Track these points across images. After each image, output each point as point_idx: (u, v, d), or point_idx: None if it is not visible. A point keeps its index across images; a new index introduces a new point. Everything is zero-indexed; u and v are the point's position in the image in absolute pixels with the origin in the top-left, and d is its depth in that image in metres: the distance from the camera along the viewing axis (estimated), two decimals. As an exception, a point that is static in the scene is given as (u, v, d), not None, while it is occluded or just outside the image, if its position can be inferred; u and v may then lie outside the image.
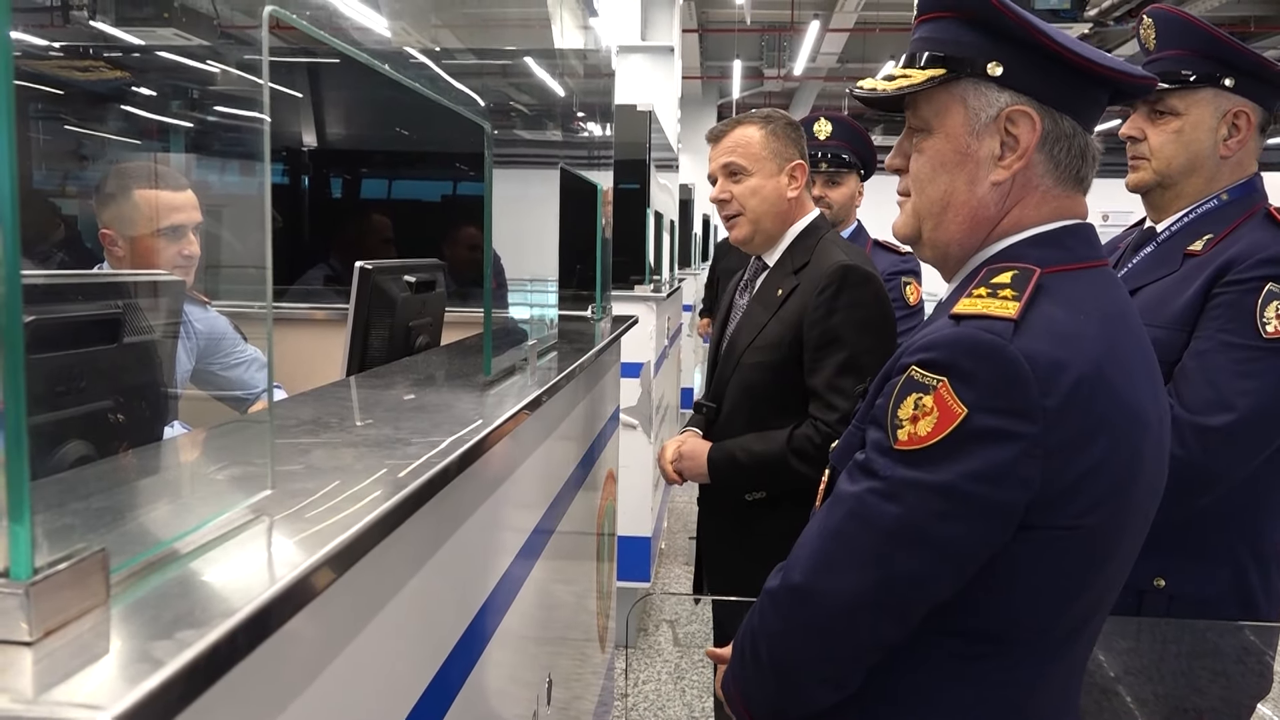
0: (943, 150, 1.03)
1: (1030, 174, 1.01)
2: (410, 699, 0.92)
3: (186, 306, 2.20)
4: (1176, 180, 1.62)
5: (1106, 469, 0.92)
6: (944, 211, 1.04)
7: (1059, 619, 0.98)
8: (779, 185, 1.89)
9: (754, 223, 1.91)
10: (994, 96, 1.00)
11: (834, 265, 1.78)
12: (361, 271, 1.77)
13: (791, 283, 1.84)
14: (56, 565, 0.48)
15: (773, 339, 1.82)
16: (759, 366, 1.83)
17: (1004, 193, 1.02)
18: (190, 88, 3.48)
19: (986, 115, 1.00)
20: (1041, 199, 1.01)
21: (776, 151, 1.89)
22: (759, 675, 1.05)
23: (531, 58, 2.43)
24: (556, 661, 1.80)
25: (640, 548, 3.70)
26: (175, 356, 1.97)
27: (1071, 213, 1.03)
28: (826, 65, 13.50)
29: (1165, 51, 1.62)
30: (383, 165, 4.39)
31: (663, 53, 5.92)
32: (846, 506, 0.96)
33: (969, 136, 1.01)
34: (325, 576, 0.62)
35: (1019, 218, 1.02)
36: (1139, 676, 1.61)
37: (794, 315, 1.79)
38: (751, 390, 1.84)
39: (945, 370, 0.90)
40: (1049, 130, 0.99)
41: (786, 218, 1.91)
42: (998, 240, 1.03)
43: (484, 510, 1.19)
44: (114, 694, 0.41)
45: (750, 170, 1.89)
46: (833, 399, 1.71)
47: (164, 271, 1.87)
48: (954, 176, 1.03)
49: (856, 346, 1.72)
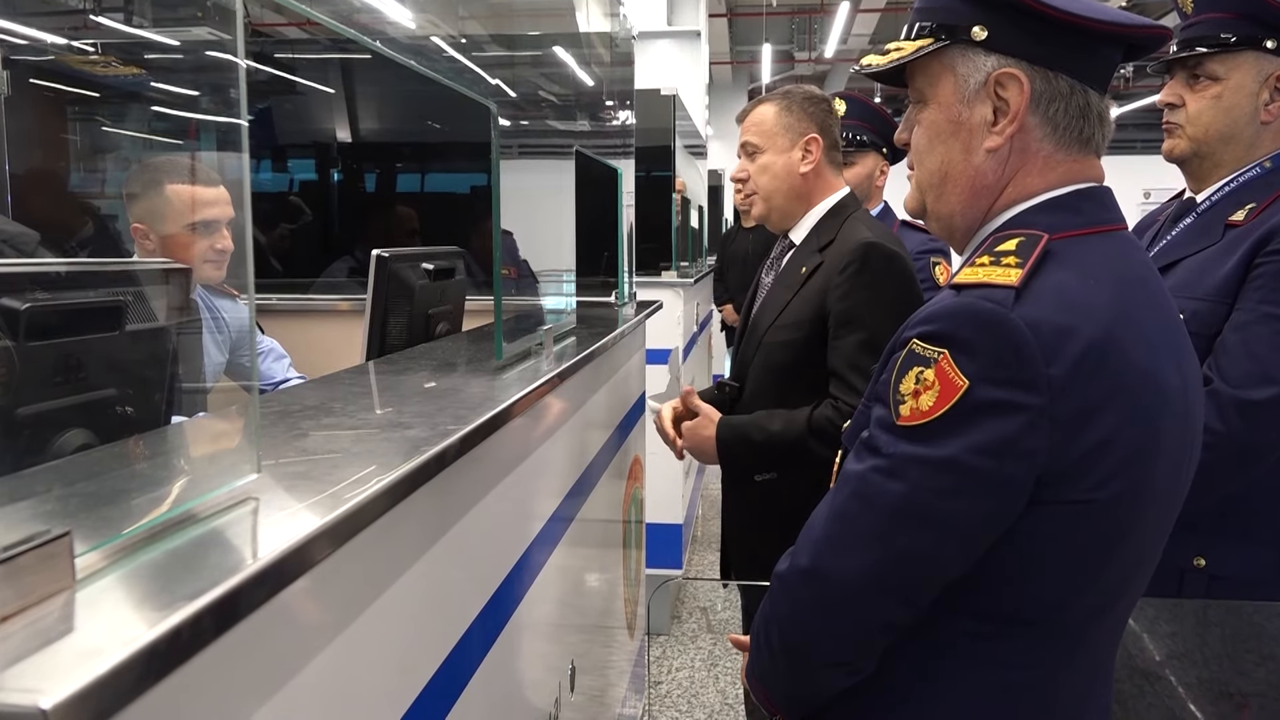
0: (937, 120, 1.01)
1: (1028, 138, 0.97)
2: (416, 685, 0.91)
3: (218, 300, 2.21)
4: (1214, 148, 1.57)
5: (1121, 440, 0.88)
6: (943, 183, 1.02)
7: (1078, 598, 0.94)
8: (790, 161, 1.85)
9: (766, 200, 1.89)
10: (981, 61, 0.97)
11: (857, 243, 1.74)
12: (379, 260, 1.77)
13: (815, 260, 1.80)
14: (16, 549, 0.47)
15: (795, 318, 1.78)
16: (782, 346, 1.80)
17: (1002, 159, 0.98)
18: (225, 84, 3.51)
19: (975, 81, 0.97)
20: (1045, 164, 0.98)
21: (788, 126, 1.85)
22: (773, 661, 1.03)
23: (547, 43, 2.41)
24: (581, 648, 1.79)
25: (671, 535, 3.69)
26: (200, 347, 1.98)
27: (1083, 176, 0.99)
28: (858, 47, 13.32)
29: (1203, 15, 1.57)
30: (411, 158, 4.42)
31: (689, 37, 5.87)
32: (851, 486, 0.94)
33: (960, 104, 0.99)
34: (307, 560, 0.60)
35: (1024, 185, 0.99)
36: (1183, 660, 1.57)
37: (817, 294, 1.76)
38: (774, 370, 1.80)
39: (945, 342, 0.87)
40: (1041, 91, 0.96)
41: (803, 193, 1.87)
42: (1006, 209, 0.99)
43: (496, 494, 1.17)
44: (59, 679, 0.40)
45: (763, 147, 1.87)
46: (853, 379, 1.67)
47: (169, 260, 1.88)
48: (949, 146, 1.00)
49: (878, 326, 1.67)
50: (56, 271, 1.05)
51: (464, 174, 4.31)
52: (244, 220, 0.71)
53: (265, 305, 3.00)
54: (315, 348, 2.69)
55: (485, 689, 1.12)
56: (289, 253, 3.80)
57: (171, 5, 3.81)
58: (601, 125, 3.07)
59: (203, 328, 2.11)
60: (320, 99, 4.36)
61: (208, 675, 0.53)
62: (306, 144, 4.38)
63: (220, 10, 0.91)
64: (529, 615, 1.34)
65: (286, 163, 4.39)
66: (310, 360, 2.48)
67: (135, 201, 2.04)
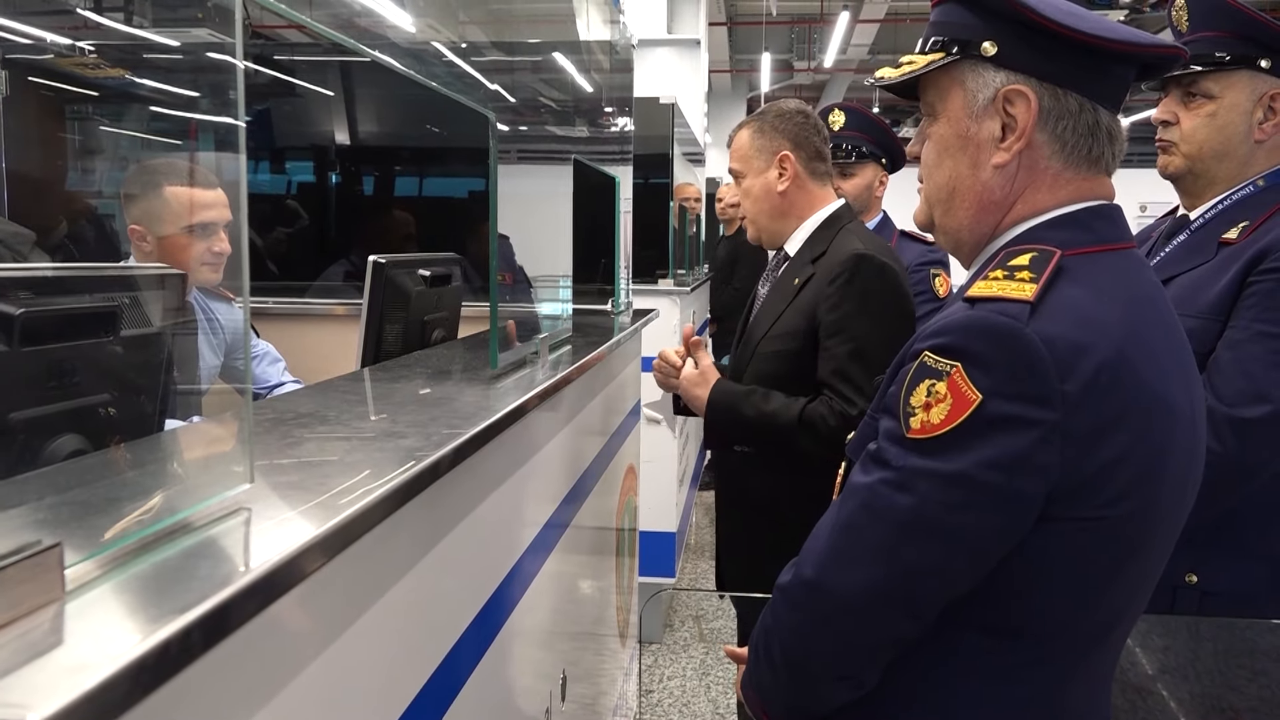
0: (946, 135, 1.01)
1: (1036, 155, 0.97)
2: (408, 694, 0.91)
3: (213, 304, 2.21)
4: (1208, 166, 1.57)
5: (1132, 458, 0.88)
6: (950, 197, 1.02)
7: (1087, 615, 0.94)
8: (767, 181, 1.87)
9: (754, 222, 1.92)
10: (990, 77, 0.97)
11: (849, 254, 1.74)
12: (375, 265, 1.77)
13: (808, 272, 1.80)
14: (7, 560, 0.47)
15: (788, 328, 1.79)
16: (774, 356, 1.80)
17: (1009, 176, 0.98)
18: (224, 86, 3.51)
19: (984, 97, 0.98)
20: (1054, 181, 0.98)
21: (761, 148, 1.88)
22: (774, 673, 1.02)
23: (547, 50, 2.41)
24: (573, 656, 1.78)
25: (665, 543, 3.68)
26: (195, 351, 1.98)
27: (1094, 194, 0.99)
28: (857, 57, 13.34)
29: (1199, 33, 1.57)
30: (409, 162, 4.41)
31: (688, 45, 5.88)
32: (859, 498, 0.93)
33: (969, 119, 0.99)
34: (299, 571, 0.60)
35: (1032, 201, 0.99)
36: (1174, 675, 1.57)
37: (809, 305, 1.76)
38: (767, 379, 1.80)
39: (959, 355, 0.87)
40: (1050, 108, 0.96)
41: (785, 210, 1.88)
42: (1017, 224, 0.99)
43: (489, 503, 1.17)
44: (47, 694, 0.40)
45: (744, 172, 1.90)
46: (842, 388, 1.67)
47: (169, 266, 1.88)
48: (957, 161, 1.01)
49: (866, 336, 1.68)
50: (49, 276, 1.05)
51: (462, 179, 4.31)
52: (240, 223, 0.70)
53: (261, 308, 3.00)
54: (310, 351, 2.68)
55: (478, 697, 1.12)
56: (285, 256, 3.79)
57: (171, 5, 3.81)
58: (600, 132, 3.08)
59: (198, 331, 2.10)
60: (319, 101, 4.36)
61: (196, 689, 0.52)
62: (304, 146, 4.37)
63: (220, 12, 0.91)
64: (522, 623, 1.34)
65: (284, 165, 4.38)
66: (305, 364, 2.48)
67: (133, 203, 2.03)
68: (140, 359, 1.02)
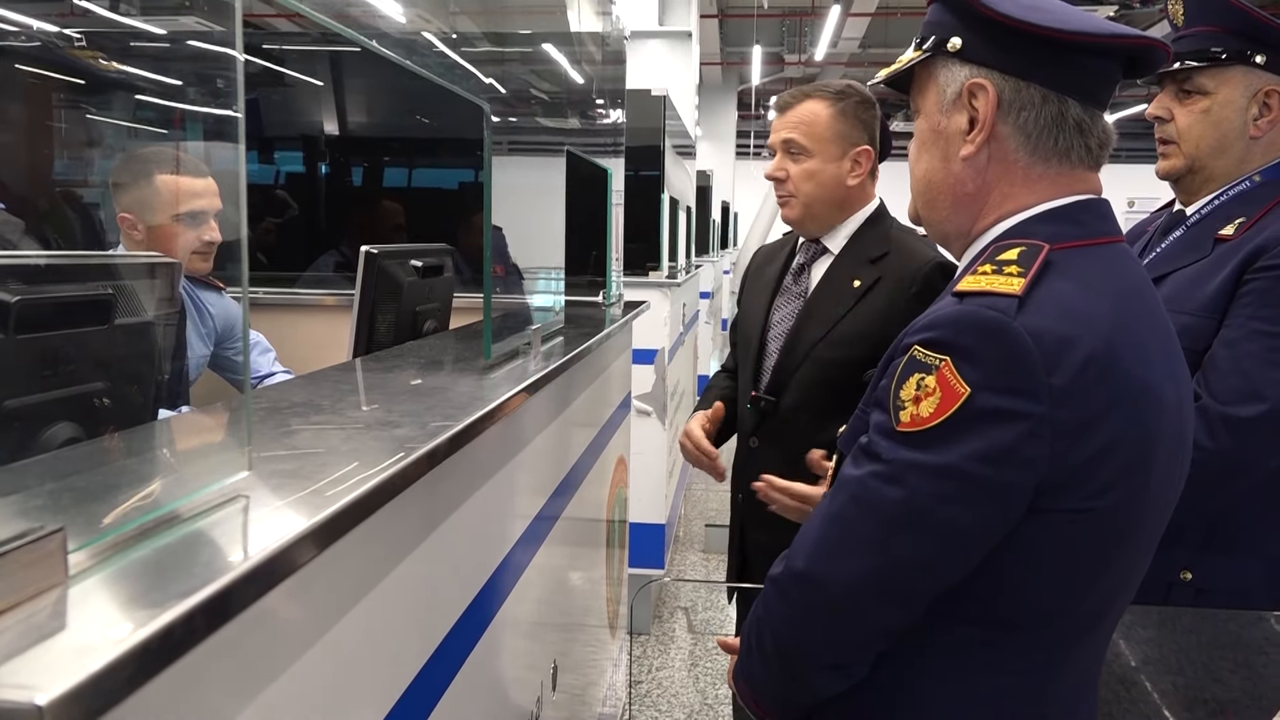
0: (923, 130, 1.05)
1: (1004, 148, 0.99)
2: (402, 682, 0.92)
3: (202, 293, 2.20)
4: (1205, 163, 1.57)
5: (1119, 450, 0.89)
6: (927, 190, 1.05)
7: (1075, 606, 0.96)
8: (839, 171, 1.75)
9: (806, 206, 1.78)
10: (957, 72, 1.00)
11: (930, 263, 1.68)
12: (367, 256, 1.77)
13: (872, 274, 1.72)
14: (10, 544, 0.47)
15: (854, 334, 1.69)
16: (837, 363, 1.70)
17: (979, 168, 1.00)
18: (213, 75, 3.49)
19: (952, 91, 1.00)
20: (1026, 174, 0.99)
21: (842, 134, 1.75)
22: (765, 663, 1.03)
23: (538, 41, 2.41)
24: (563, 647, 1.79)
25: (654, 535, 3.69)
26: (184, 340, 1.97)
27: (1080, 188, 1.00)
28: (848, 51, 13.34)
29: (1194, 28, 1.57)
30: (399, 153, 4.39)
31: (680, 38, 5.87)
32: (849, 491, 0.94)
33: (940, 114, 1.02)
34: (296, 558, 0.60)
35: (1012, 195, 1.00)
36: (1158, 666, 1.58)
37: (878, 313, 1.68)
38: (826, 386, 1.72)
39: (947, 349, 0.88)
40: (1011, 100, 0.97)
41: (844, 205, 1.79)
42: (1004, 219, 1.00)
43: (482, 493, 1.18)
44: (54, 675, 0.40)
45: (811, 151, 1.75)
46: None
47: (162, 254, 1.87)
48: (931, 155, 1.03)
49: None
50: (42, 264, 1.04)
51: (452, 170, 4.30)
52: (240, 216, 0.70)
53: (251, 298, 2.98)
54: (301, 342, 2.68)
55: (469, 686, 1.13)
56: (275, 246, 3.77)
57: (160, -9, 3.78)
58: (592, 124, 3.07)
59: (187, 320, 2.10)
60: (308, 91, 4.33)
61: (198, 672, 0.53)
62: (293, 136, 4.35)
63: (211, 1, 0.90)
64: (513, 614, 1.35)
65: (273, 155, 4.36)
66: (296, 354, 2.48)
67: (123, 191, 2.02)
68: (134, 347, 1.02)
